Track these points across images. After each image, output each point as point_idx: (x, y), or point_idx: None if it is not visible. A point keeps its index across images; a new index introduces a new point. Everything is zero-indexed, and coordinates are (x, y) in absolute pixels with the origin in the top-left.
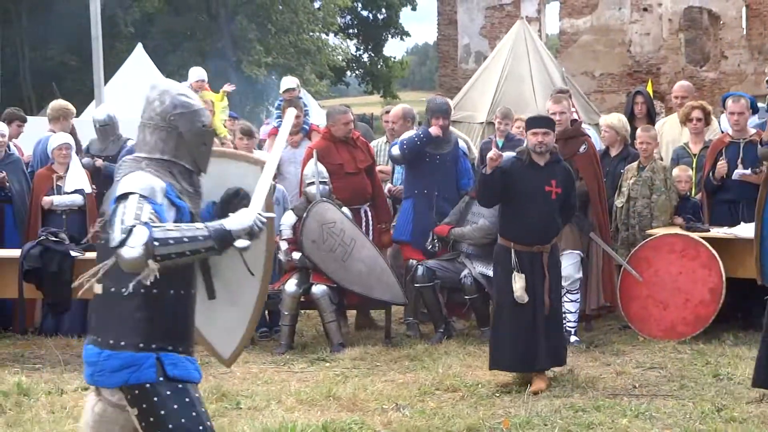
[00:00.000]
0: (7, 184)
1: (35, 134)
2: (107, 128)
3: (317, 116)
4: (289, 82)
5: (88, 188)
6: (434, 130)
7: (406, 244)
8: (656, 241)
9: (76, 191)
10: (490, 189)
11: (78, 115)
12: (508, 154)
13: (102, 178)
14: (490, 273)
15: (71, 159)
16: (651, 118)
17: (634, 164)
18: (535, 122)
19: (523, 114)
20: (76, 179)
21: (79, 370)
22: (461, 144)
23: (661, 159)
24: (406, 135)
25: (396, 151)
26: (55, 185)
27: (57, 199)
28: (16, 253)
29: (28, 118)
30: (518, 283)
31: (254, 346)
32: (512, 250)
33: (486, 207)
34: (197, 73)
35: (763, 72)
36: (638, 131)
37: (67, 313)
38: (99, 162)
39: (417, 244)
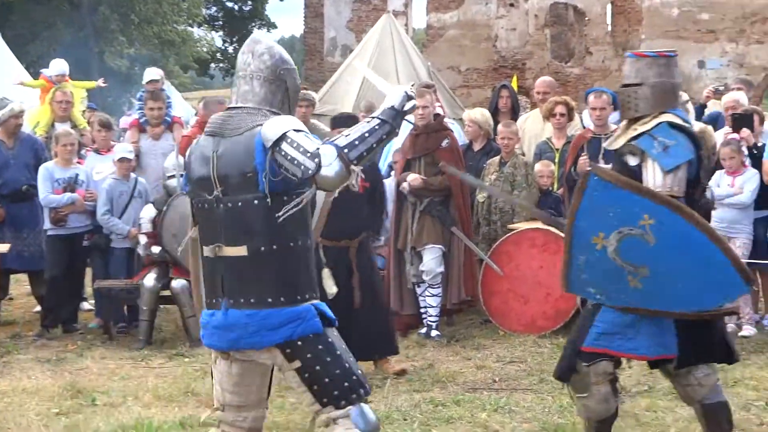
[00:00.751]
0: None
1: None
2: None
3: (180, 109)
4: (152, 73)
5: None
6: None
7: None
8: (517, 235)
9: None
10: None
11: None
12: None
13: None
14: None
15: None
16: (515, 112)
17: (496, 159)
18: (341, 121)
19: None
20: None
21: None
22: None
23: (524, 154)
24: None
25: None
26: None
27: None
28: None
29: None
30: (327, 278)
31: (112, 342)
32: (320, 246)
33: None
34: (59, 66)
35: None
36: (499, 126)
37: None
38: None
39: None
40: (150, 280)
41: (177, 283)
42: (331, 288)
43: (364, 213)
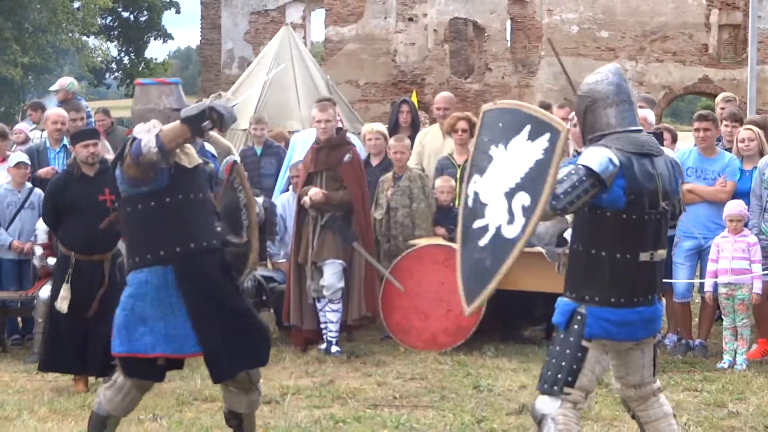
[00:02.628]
0: None
1: None
2: None
3: None
4: (62, 82)
5: None
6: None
7: None
8: (419, 251)
9: None
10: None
11: None
12: None
13: None
14: (271, 274)
15: None
16: (415, 128)
17: (389, 174)
18: (82, 136)
19: (287, 122)
20: None
21: None
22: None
23: (423, 169)
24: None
25: None
26: None
27: None
28: None
29: None
30: (63, 292)
31: (6, 354)
32: (72, 259)
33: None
34: None
35: (527, 84)
36: (391, 141)
37: None
38: None
39: None
40: (45, 292)
41: (44, 293)
42: (62, 305)
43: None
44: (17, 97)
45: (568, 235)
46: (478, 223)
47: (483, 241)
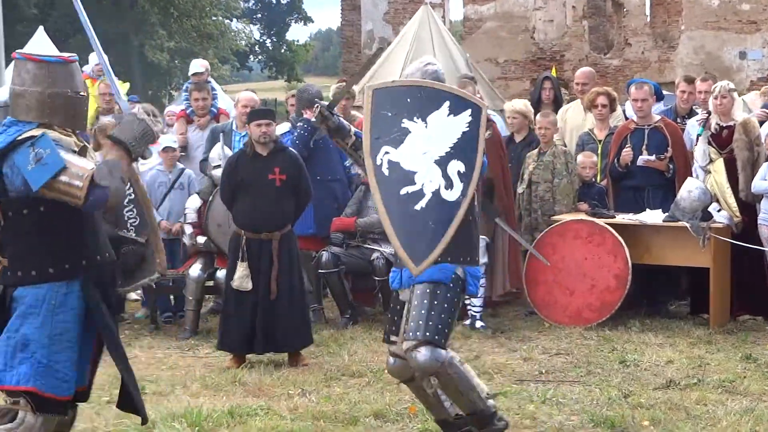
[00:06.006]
0: None
1: None
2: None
3: (223, 101)
4: (197, 65)
5: None
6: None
7: (309, 237)
8: (562, 226)
9: None
10: None
11: None
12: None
13: None
14: None
15: None
16: (558, 104)
17: (535, 151)
18: (257, 114)
19: None
20: None
21: None
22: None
23: (565, 145)
24: (285, 132)
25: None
26: None
27: None
28: None
29: None
30: (239, 272)
31: (158, 331)
32: (243, 238)
33: None
34: (96, 60)
35: (667, 59)
36: (537, 117)
37: None
38: None
39: (321, 234)
40: (195, 270)
41: (222, 274)
42: (240, 284)
43: (285, 206)
44: (164, 81)
45: (712, 209)
46: (407, 189)
47: (419, 205)
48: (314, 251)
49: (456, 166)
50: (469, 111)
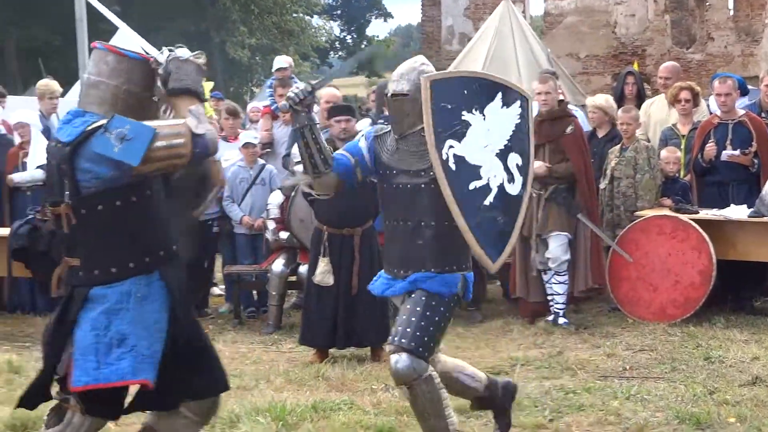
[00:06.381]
0: None
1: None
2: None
3: None
4: (281, 61)
5: None
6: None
7: None
8: (645, 222)
9: (39, 167)
10: None
11: (63, 95)
12: None
13: None
14: None
15: (31, 137)
16: (641, 98)
17: (617, 147)
18: (337, 111)
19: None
20: (40, 155)
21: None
22: None
23: (648, 140)
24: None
25: None
26: (21, 162)
27: (17, 177)
28: (4, 231)
29: (15, 96)
30: (320, 267)
31: (242, 326)
32: (325, 233)
33: None
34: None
35: (751, 53)
36: (619, 112)
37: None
38: None
39: None
40: (278, 265)
41: (305, 269)
42: (321, 279)
43: (368, 203)
44: (245, 78)
45: None
46: (475, 184)
47: (488, 200)
48: None
49: (515, 159)
50: (518, 102)
